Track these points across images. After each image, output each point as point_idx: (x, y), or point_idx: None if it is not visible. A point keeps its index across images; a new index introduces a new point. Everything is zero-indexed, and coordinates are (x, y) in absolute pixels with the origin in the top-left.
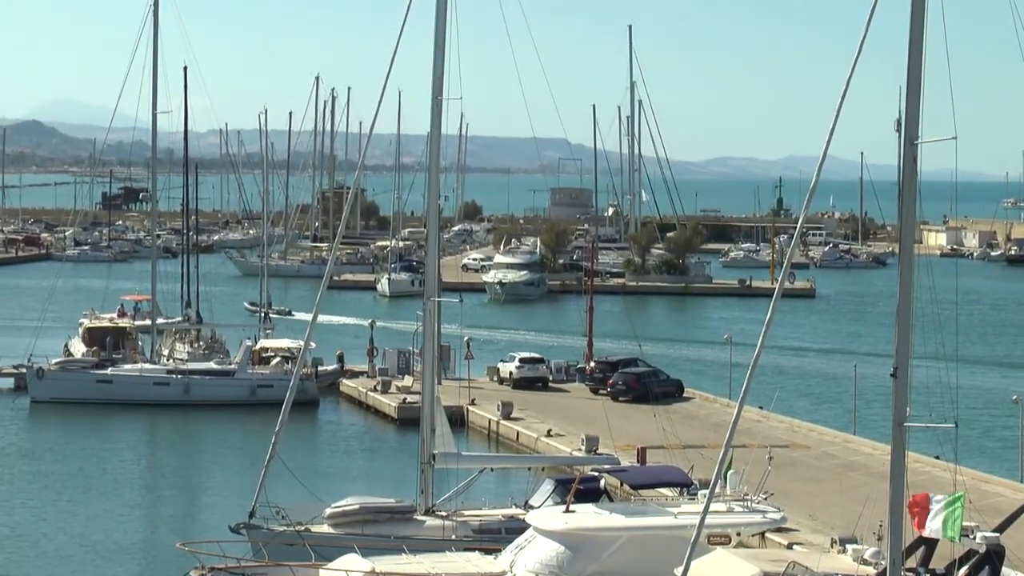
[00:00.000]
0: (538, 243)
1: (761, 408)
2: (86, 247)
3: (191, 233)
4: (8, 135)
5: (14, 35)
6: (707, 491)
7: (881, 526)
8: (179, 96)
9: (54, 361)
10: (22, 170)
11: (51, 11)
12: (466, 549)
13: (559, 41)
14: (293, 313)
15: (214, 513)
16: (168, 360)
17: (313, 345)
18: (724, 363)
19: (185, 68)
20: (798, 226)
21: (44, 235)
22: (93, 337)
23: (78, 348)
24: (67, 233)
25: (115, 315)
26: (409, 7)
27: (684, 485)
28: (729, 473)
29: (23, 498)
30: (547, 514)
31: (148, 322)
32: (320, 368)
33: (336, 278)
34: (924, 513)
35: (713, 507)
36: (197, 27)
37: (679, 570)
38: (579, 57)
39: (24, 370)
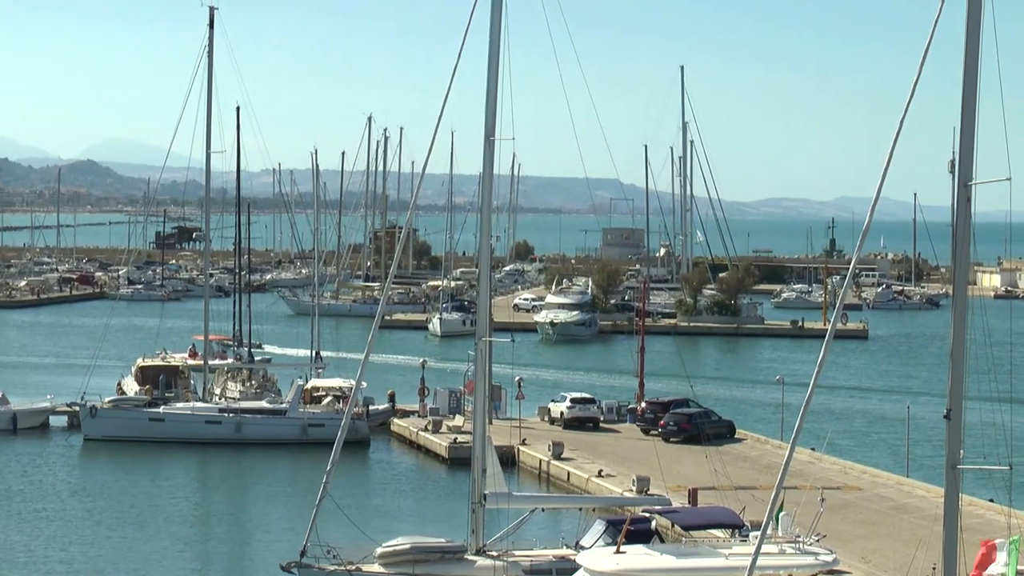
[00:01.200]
0: (590, 283)
1: (813, 450)
2: (139, 286)
3: (243, 272)
4: (63, 175)
5: (71, 76)
6: (759, 533)
7: (935, 569)
8: (232, 136)
9: (107, 399)
10: (77, 209)
11: (107, 53)
12: None
13: (611, 82)
14: (263, 346)
15: (265, 552)
16: (220, 399)
17: (364, 384)
18: (776, 404)
19: (238, 108)
20: (851, 267)
21: (98, 274)
22: (146, 376)
23: (131, 386)
24: (121, 272)
25: (187, 355)
26: (462, 48)
27: (735, 527)
28: (781, 515)
29: (77, 536)
30: (598, 555)
31: (219, 361)
32: (371, 407)
33: (388, 317)
34: (988, 562)
35: (765, 549)
36: (250, 67)
37: None
38: (631, 98)
39: (78, 408)
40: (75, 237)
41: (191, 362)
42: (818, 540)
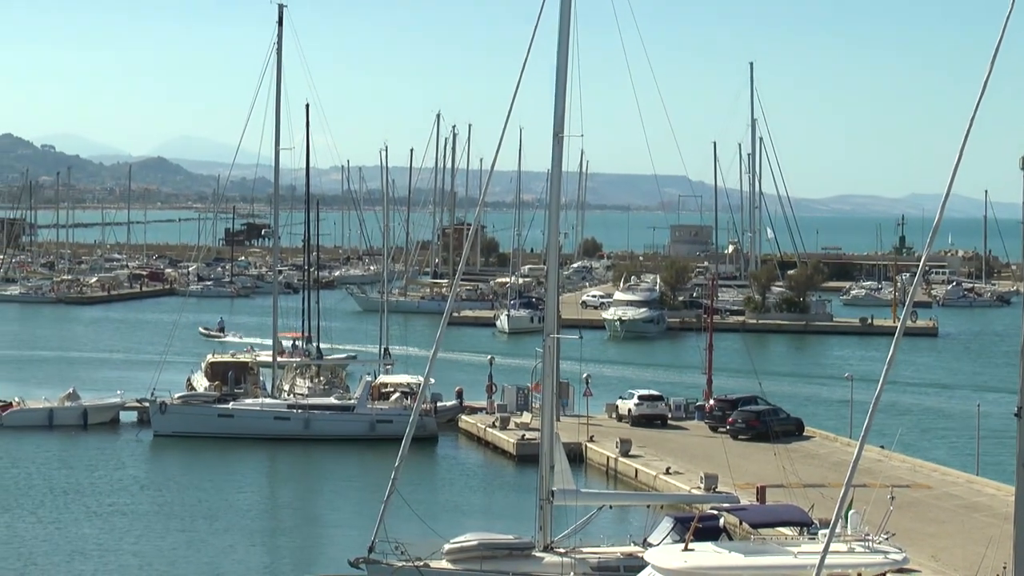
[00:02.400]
0: (658, 280)
1: (882, 447)
2: (209, 282)
3: (312, 269)
4: (134, 172)
5: (142, 74)
6: (827, 531)
7: (1005, 568)
8: (301, 133)
9: (177, 395)
10: (147, 206)
11: (177, 51)
12: None
13: (680, 78)
14: (225, 332)
15: (333, 547)
16: (289, 395)
17: (432, 381)
18: (844, 401)
19: (307, 105)
20: (921, 264)
21: (168, 270)
22: (215, 372)
23: (201, 383)
24: (190, 268)
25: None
26: (531, 43)
27: (804, 524)
28: (850, 513)
29: (148, 529)
30: (666, 552)
31: (295, 359)
32: (439, 404)
33: (456, 314)
34: None
35: (833, 547)
36: (319, 64)
37: None
38: (700, 94)
39: (147, 404)
40: (145, 234)
41: (261, 357)
42: (887, 538)
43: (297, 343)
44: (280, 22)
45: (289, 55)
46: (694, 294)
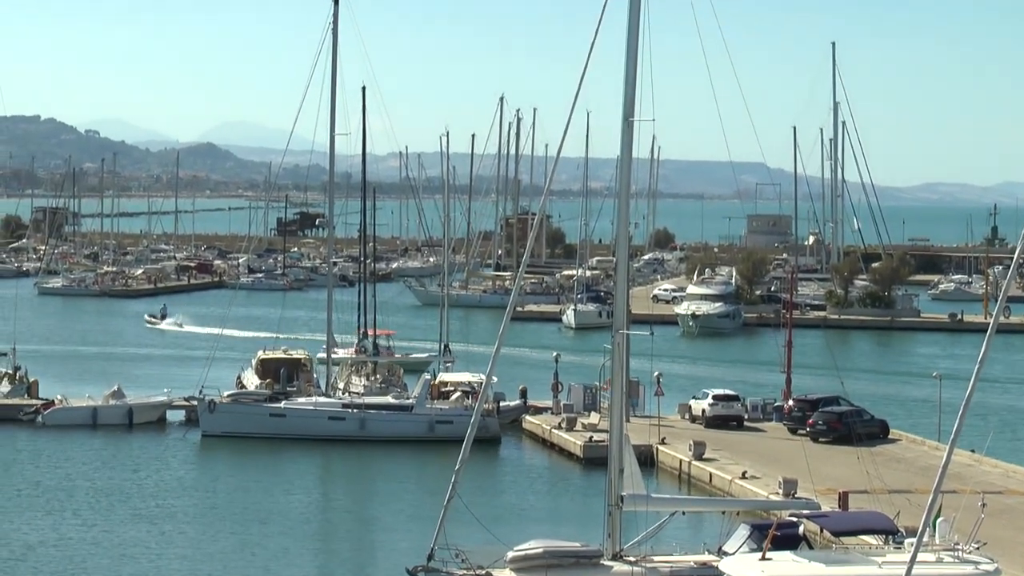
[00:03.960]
0: (733, 273)
1: (973, 451)
2: (260, 275)
3: (369, 261)
4: (182, 158)
5: (189, 56)
6: (914, 540)
7: None
8: (357, 118)
9: (226, 393)
10: (195, 194)
11: (227, 31)
12: None
13: (758, 59)
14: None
15: (391, 553)
16: (344, 394)
17: (495, 379)
18: (932, 403)
19: (364, 89)
20: (1015, 256)
21: (217, 262)
22: (267, 369)
23: (251, 380)
24: (241, 260)
25: (352, 350)
26: (599, 24)
27: (889, 533)
28: (938, 521)
29: (197, 534)
30: (742, 561)
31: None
32: (502, 404)
33: (520, 309)
34: None
35: (921, 557)
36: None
37: None
38: (779, 76)
39: (195, 403)
40: (193, 223)
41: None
42: (978, 548)
43: (379, 340)
44: (336, 1)
45: (345, 35)
46: (772, 288)
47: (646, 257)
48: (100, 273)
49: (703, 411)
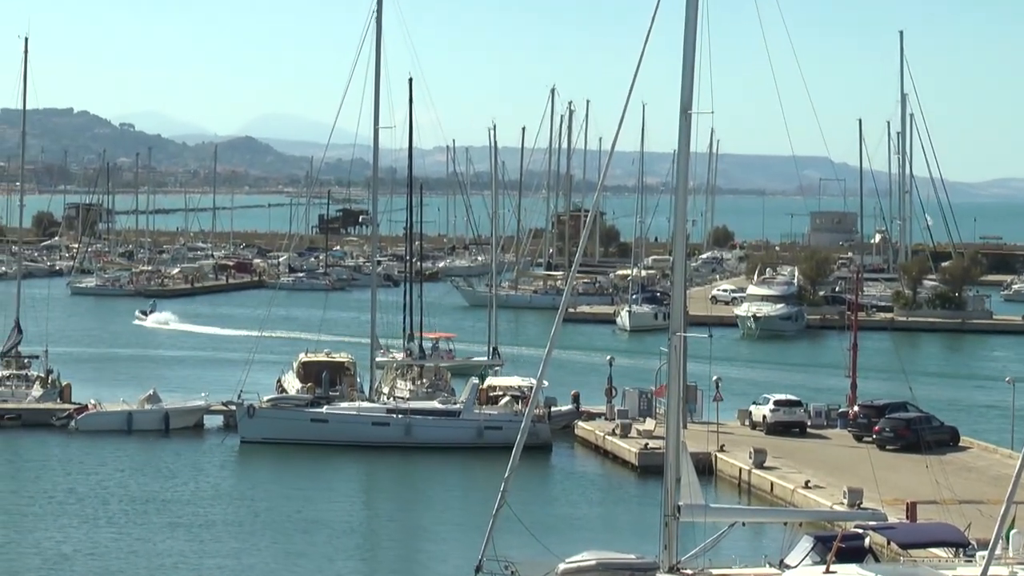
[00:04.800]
0: (796, 273)
1: None
2: (301, 274)
3: (415, 260)
4: (220, 153)
5: (227, 46)
6: (986, 552)
7: None
8: (403, 110)
9: (266, 398)
10: (234, 190)
11: (266, 19)
12: None
13: (822, 49)
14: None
15: (438, 565)
16: (388, 398)
17: (546, 384)
18: (1005, 408)
19: (410, 80)
20: None
21: (256, 261)
22: (308, 372)
23: (292, 384)
24: (281, 259)
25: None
26: (656, 12)
27: (960, 545)
28: (1012, 532)
29: (236, 543)
30: (805, 575)
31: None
32: (554, 409)
33: (572, 310)
34: None
35: (993, 570)
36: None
37: None
38: (844, 67)
39: (234, 407)
40: (232, 220)
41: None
42: None
43: (439, 344)
44: None
45: (390, 24)
46: (836, 288)
47: (704, 256)
48: (135, 272)
49: (764, 417)
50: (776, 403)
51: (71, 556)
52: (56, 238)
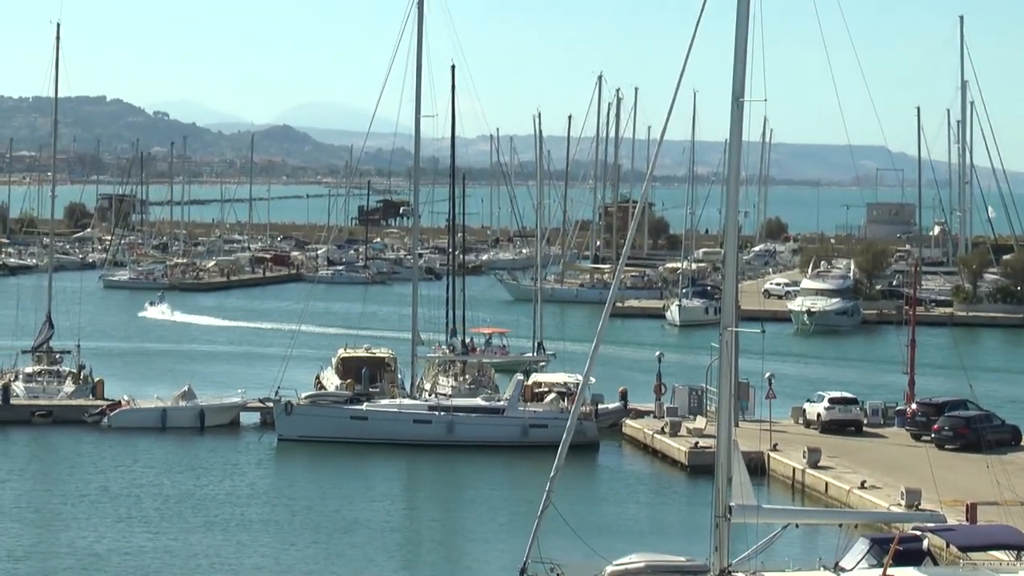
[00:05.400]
0: (852, 266)
1: None
2: (340, 267)
3: (457, 252)
4: (256, 142)
5: (263, 33)
6: None
7: None
8: (445, 98)
9: (304, 395)
10: (271, 180)
11: (304, 5)
12: None
13: (879, 35)
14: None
15: (481, 566)
16: (430, 395)
17: (593, 380)
18: None
19: (453, 67)
20: None
21: (294, 253)
22: (347, 368)
23: (331, 380)
24: (319, 251)
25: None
26: None
27: (1021, 548)
28: None
29: (273, 544)
30: None
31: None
32: (601, 406)
33: (620, 304)
34: None
35: None
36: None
37: None
38: (902, 53)
39: (271, 404)
40: (269, 212)
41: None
42: None
43: (493, 339)
44: None
45: (432, 9)
46: (894, 282)
47: (757, 248)
48: (169, 265)
49: (818, 415)
50: (831, 401)
51: (105, 556)
52: (88, 230)
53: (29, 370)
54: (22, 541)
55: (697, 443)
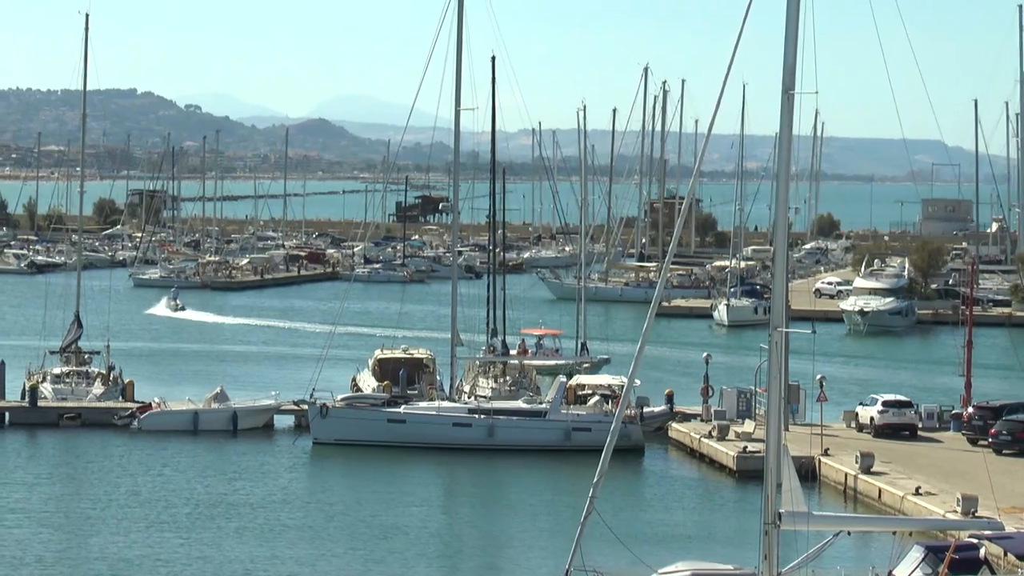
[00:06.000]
0: (906, 264)
1: None
2: (377, 265)
3: (498, 250)
4: (291, 136)
5: (298, 24)
6: None
7: None
8: (486, 90)
9: (340, 397)
10: (306, 176)
11: None
12: None
13: (935, 25)
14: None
15: (523, 573)
16: (470, 398)
17: (638, 382)
18: None
19: (493, 58)
20: None
21: (330, 251)
22: (385, 370)
23: (368, 382)
24: (356, 249)
25: (515, 351)
26: None
27: None
28: None
29: (311, 551)
30: None
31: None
32: (646, 409)
33: (666, 304)
34: None
35: None
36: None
37: None
38: (959, 44)
39: (306, 407)
40: (304, 208)
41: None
42: None
43: (544, 341)
44: None
45: (472, 0)
46: (950, 281)
47: (808, 246)
48: (201, 263)
49: (871, 419)
50: (884, 404)
51: (137, 562)
52: (118, 227)
53: (57, 371)
54: (51, 547)
55: (746, 447)
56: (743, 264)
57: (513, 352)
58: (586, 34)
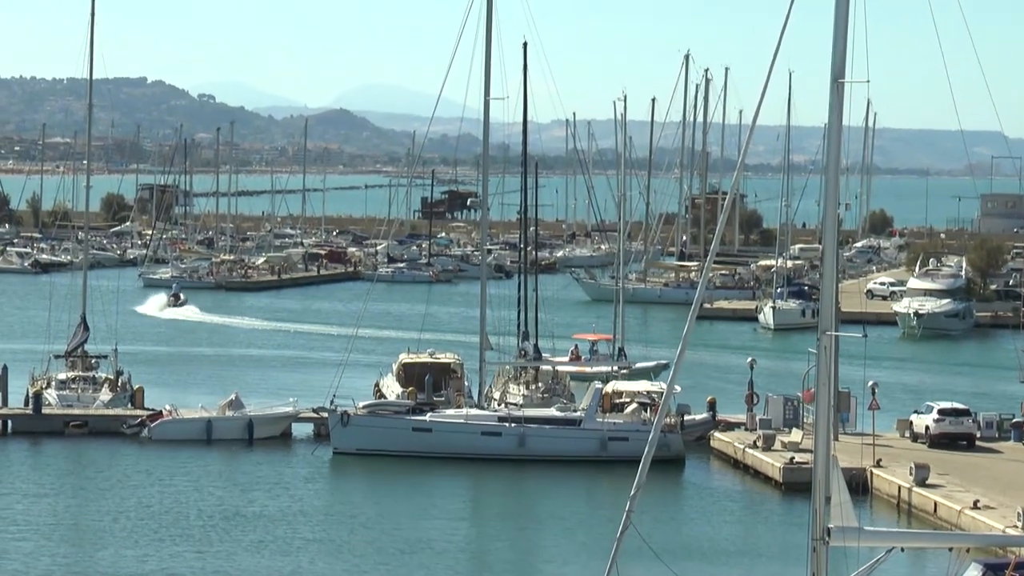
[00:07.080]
0: (964, 264)
1: None
2: (401, 264)
3: (529, 248)
4: (311, 127)
5: (318, 10)
6: None
7: None
8: (517, 79)
9: (362, 404)
10: (327, 169)
11: None
12: None
13: (994, 11)
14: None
15: None
16: (500, 405)
17: (678, 389)
18: None
19: (525, 45)
20: None
21: (352, 249)
22: (409, 375)
23: (392, 388)
24: (379, 247)
25: (566, 358)
26: None
27: None
28: None
29: (333, 566)
30: None
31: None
32: (687, 417)
33: (708, 305)
34: None
35: None
36: None
37: None
38: (1019, 32)
39: (326, 414)
40: (324, 204)
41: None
42: None
43: (599, 347)
44: None
45: None
46: (1010, 281)
47: (859, 245)
48: (215, 262)
49: (927, 428)
50: (941, 412)
51: None
52: (127, 223)
53: (62, 376)
54: (59, 560)
55: (793, 458)
56: (790, 263)
57: (564, 359)
58: (623, 18)
